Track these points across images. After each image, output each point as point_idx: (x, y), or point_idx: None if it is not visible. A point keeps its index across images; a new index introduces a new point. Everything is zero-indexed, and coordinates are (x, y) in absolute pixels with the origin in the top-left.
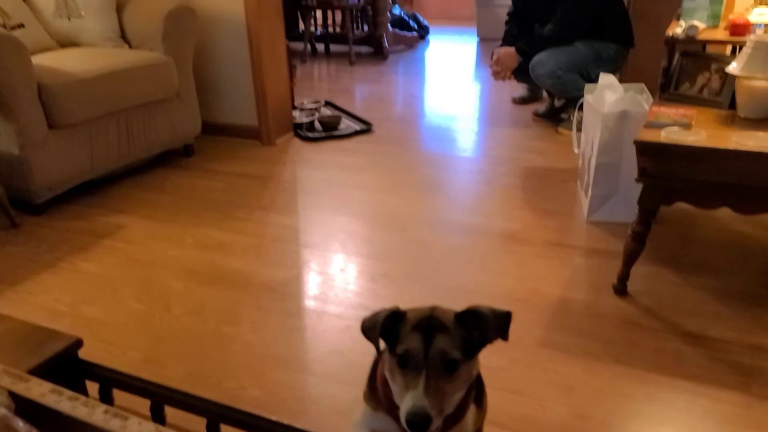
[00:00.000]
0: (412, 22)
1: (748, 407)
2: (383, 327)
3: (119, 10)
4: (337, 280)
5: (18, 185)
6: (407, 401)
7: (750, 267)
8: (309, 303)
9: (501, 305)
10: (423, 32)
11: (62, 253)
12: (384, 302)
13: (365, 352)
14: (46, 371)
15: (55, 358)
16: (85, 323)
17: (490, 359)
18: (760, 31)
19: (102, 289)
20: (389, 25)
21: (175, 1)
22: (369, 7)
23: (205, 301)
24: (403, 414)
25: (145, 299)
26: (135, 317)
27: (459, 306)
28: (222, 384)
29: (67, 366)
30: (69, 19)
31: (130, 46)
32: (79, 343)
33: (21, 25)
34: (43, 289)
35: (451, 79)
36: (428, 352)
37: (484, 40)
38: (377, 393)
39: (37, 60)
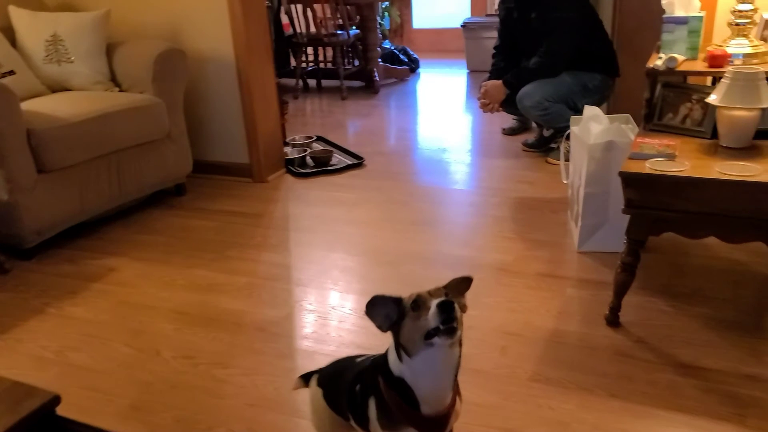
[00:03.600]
0: (402, 56)
1: None
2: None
3: (109, 53)
4: (329, 318)
5: (7, 231)
6: (433, 304)
7: (742, 295)
8: (301, 343)
9: (493, 340)
10: (413, 65)
11: (51, 299)
12: (376, 340)
13: None
14: (22, 430)
15: (32, 416)
16: (73, 370)
17: (483, 396)
18: (738, 62)
19: (90, 335)
20: (380, 59)
21: (165, 43)
22: (359, 43)
23: (196, 344)
24: (432, 310)
25: (135, 343)
26: (124, 362)
27: None
28: (213, 430)
29: (44, 423)
30: (59, 64)
31: (121, 89)
32: (56, 400)
33: (11, 72)
34: (31, 336)
35: (442, 112)
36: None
37: (473, 72)
38: (393, 415)
39: (27, 105)
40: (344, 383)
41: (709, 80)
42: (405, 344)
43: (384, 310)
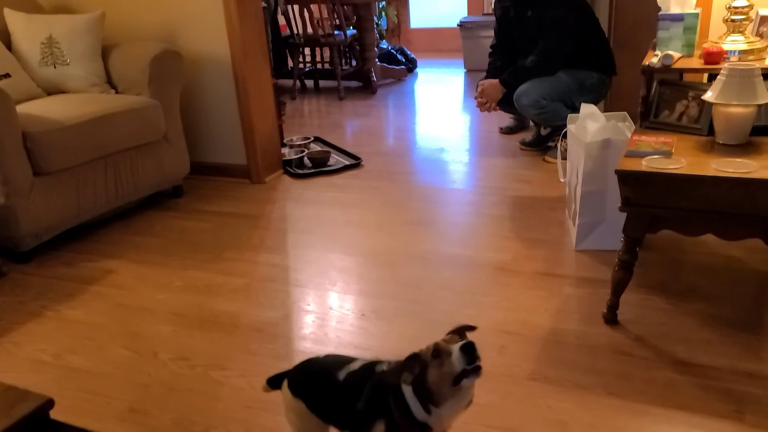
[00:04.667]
0: (399, 56)
1: None
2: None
3: (105, 55)
4: (326, 319)
5: (4, 234)
6: (455, 349)
7: (740, 292)
8: (299, 344)
9: (491, 339)
10: (411, 65)
11: (48, 302)
12: (374, 340)
13: None
14: None
15: (25, 420)
16: (70, 373)
17: (481, 396)
18: (734, 59)
19: (88, 337)
20: (377, 59)
21: (161, 45)
22: (356, 43)
23: (193, 346)
24: (455, 354)
25: (132, 346)
26: (121, 365)
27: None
28: None
29: (37, 427)
30: (54, 66)
31: (117, 91)
32: (50, 403)
33: (7, 75)
34: (28, 339)
35: (440, 111)
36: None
37: (471, 72)
38: None
39: (22, 108)
40: (337, 398)
41: (705, 77)
42: (434, 393)
43: (404, 372)
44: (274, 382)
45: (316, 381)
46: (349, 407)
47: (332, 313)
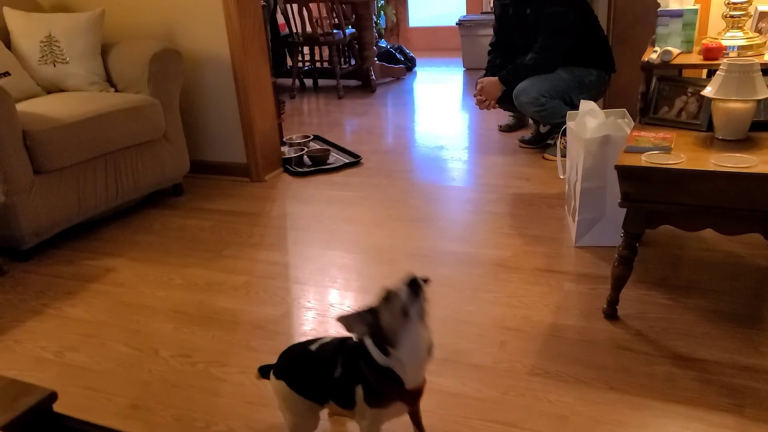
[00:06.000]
0: (398, 55)
1: (742, 431)
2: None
3: (104, 54)
4: (328, 316)
5: (4, 232)
6: (401, 285)
7: (739, 287)
8: (299, 340)
9: (491, 334)
10: (410, 64)
11: (49, 299)
12: None
13: None
14: (19, 426)
15: (29, 413)
16: (72, 370)
17: (482, 391)
18: (733, 54)
19: (89, 335)
20: (376, 58)
21: (160, 43)
22: (355, 42)
23: (194, 343)
24: (401, 289)
25: (133, 343)
26: (122, 362)
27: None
28: (211, 428)
29: (41, 420)
30: (54, 65)
31: (116, 90)
32: (53, 396)
33: (7, 74)
34: (29, 337)
35: (439, 109)
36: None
37: (469, 70)
38: (381, 394)
39: (22, 107)
40: (314, 371)
41: (704, 73)
42: (388, 334)
43: (360, 320)
44: (264, 371)
45: (293, 358)
46: (326, 377)
47: (332, 310)
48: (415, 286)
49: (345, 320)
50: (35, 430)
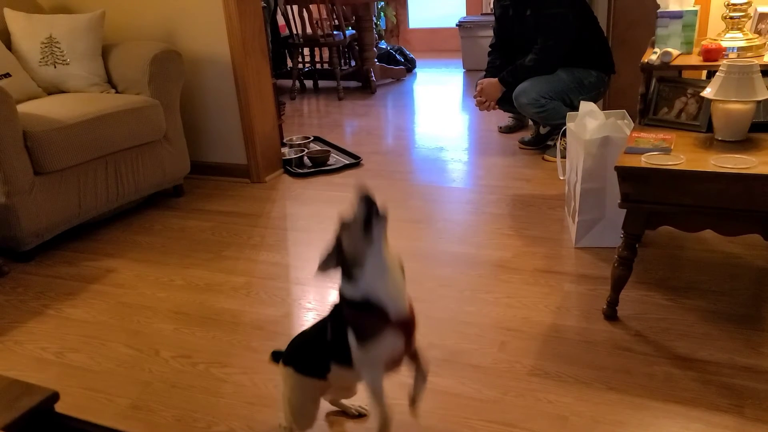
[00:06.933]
0: (398, 56)
1: (742, 431)
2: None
3: (105, 55)
4: None
5: (5, 233)
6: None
7: (739, 287)
8: None
9: (491, 335)
10: (410, 65)
11: (50, 300)
12: None
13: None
14: (21, 427)
15: (31, 413)
16: (73, 371)
17: (482, 391)
18: (732, 55)
19: (90, 335)
20: (376, 59)
21: (160, 44)
22: (355, 43)
23: (194, 344)
24: (356, 207)
25: (134, 343)
26: (123, 363)
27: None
28: (212, 428)
29: (43, 420)
30: (55, 66)
31: (117, 91)
32: (55, 396)
33: (7, 75)
34: (30, 337)
35: (439, 111)
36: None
37: (469, 71)
38: (368, 331)
39: (23, 108)
40: (313, 344)
41: (704, 74)
42: (351, 257)
43: (329, 255)
44: (276, 357)
45: (295, 342)
46: (323, 344)
47: None
48: (368, 201)
49: (320, 266)
50: (37, 430)
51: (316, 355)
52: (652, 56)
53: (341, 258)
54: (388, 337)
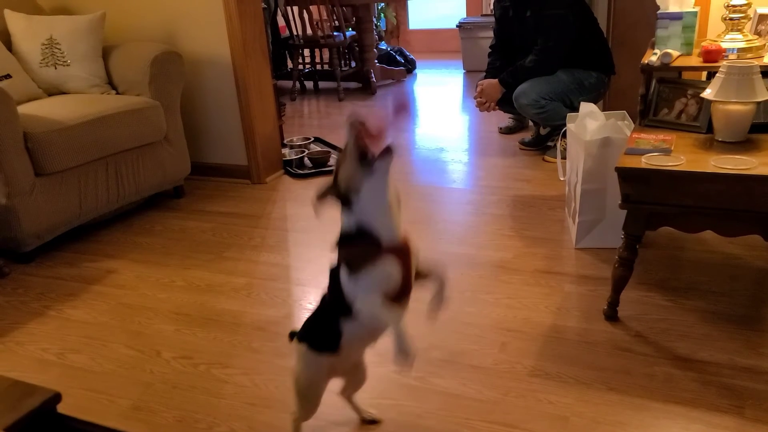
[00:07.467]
0: (398, 57)
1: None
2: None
3: (105, 56)
4: None
5: (5, 234)
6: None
7: (738, 288)
8: None
9: (492, 336)
10: (410, 66)
11: (50, 301)
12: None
13: None
14: (23, 427)
15: (33, 414)
16: (74, 372)
17: (483, 392)
18: (732, 56)
19: (91, 336)
20: (376, 60)
21: (161, 46)
22: (355, 44)
23: (195, 344)
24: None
25: (135, 344)
26: (124, 364)
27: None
28: (213, 429)
29: (45, 421)
30: (55, 67)
31: (117, 92)
32: (57, 397)
33: (8, 76)
34: (31, 338)
35: (439, 112)
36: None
37: (469, 72)
38: (361, 260)
39: (23, 109)
40: (320, 317)
41: (704, 75)
42: (347, 184)
43: (327, 185)
44: (292, 336)
45: (308, 320)
46: (329, 311)
47: None
48: (355, 126)
49: (319, 194)
50: (39, 431)
51: (324, 323)
52: (652, 57)
53: (338, 185)
54: (380, 264)
